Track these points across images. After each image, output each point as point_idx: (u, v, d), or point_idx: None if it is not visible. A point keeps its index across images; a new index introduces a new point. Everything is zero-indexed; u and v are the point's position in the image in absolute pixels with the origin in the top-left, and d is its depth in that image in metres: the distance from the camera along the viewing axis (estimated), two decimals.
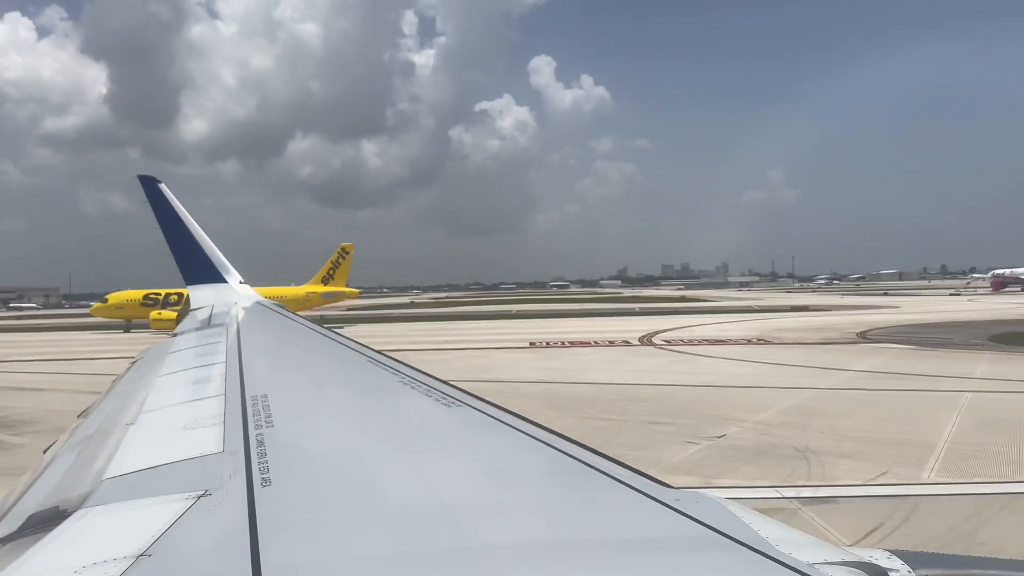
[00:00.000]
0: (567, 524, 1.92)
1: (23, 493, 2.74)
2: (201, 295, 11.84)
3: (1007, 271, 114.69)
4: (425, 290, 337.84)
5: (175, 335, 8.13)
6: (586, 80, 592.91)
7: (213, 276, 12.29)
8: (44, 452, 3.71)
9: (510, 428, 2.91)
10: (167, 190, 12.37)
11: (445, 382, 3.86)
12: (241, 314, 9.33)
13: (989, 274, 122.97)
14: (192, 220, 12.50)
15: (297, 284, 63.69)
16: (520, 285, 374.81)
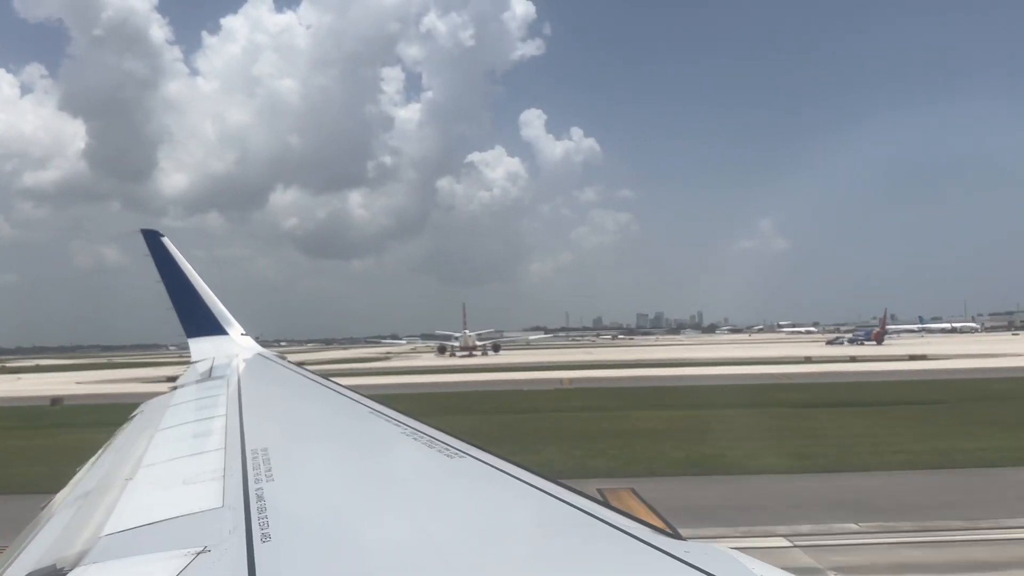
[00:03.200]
0: None
1: (20, 551, 2.69)
2: (203, 348, 11.83)
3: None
4: (329, 343, 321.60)
5: (175, 388, 8.08)
6: (576, 132, 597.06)
7: (215, 328, 12.30)
8: (42, 508, 3.65)
9: (515, 480, 2.87)
10: (170, 243, 12.46)
11: (448, 433, 3.82)
12: (242, 366, 9.30)
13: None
14: (195, 273, 12.56)
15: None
16: (424, 337, 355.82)
